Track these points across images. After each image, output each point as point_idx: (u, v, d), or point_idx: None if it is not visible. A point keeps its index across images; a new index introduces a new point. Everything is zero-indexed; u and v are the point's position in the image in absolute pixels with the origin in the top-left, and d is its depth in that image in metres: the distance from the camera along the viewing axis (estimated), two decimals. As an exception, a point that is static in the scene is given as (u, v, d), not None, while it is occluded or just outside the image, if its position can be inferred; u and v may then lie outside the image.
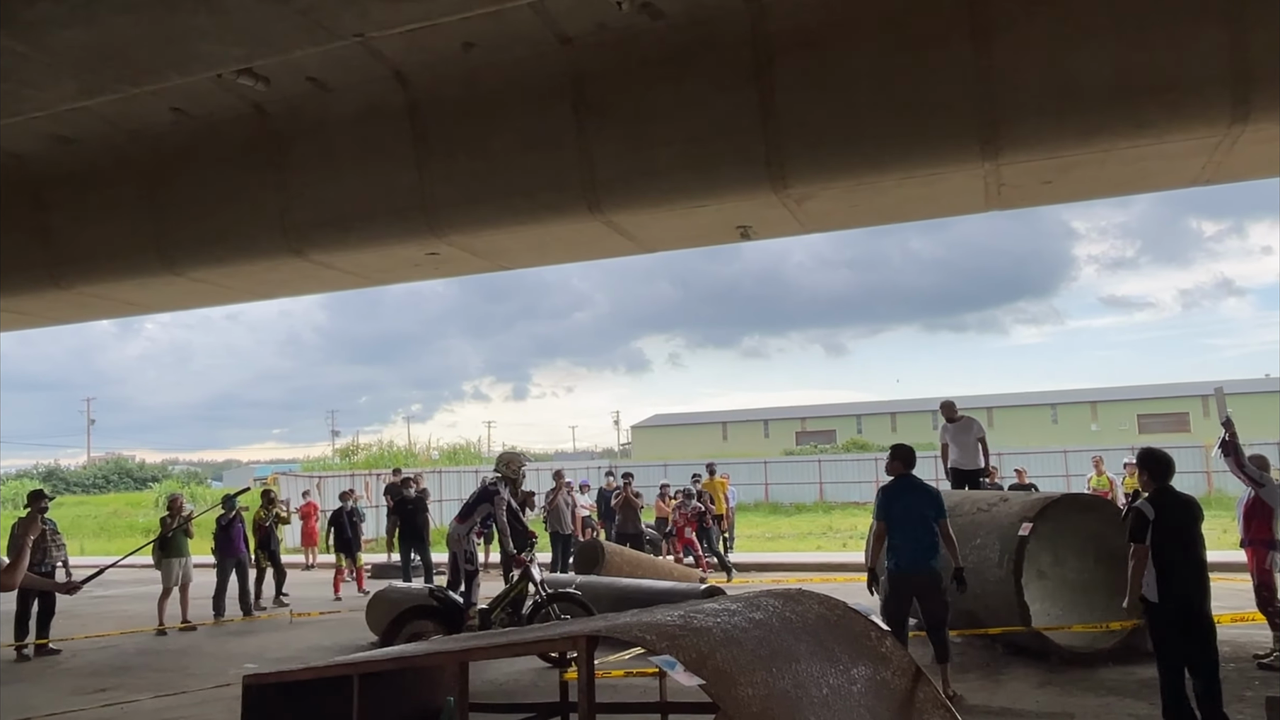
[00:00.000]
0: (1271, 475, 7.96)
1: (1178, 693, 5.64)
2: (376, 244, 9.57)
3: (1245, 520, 7.78)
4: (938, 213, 9.89)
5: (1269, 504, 7.64)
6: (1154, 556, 5.68)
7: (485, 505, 8.85)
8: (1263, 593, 7.60)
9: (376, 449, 40.54)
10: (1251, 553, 7.70)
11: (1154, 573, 5.66)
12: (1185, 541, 5.70)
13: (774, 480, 34.18)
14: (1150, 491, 5.90)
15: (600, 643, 3.67)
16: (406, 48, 8.16)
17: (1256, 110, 6.77)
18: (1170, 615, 5.63)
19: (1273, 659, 7.46)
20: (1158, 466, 5.93)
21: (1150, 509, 5.74)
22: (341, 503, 15.10)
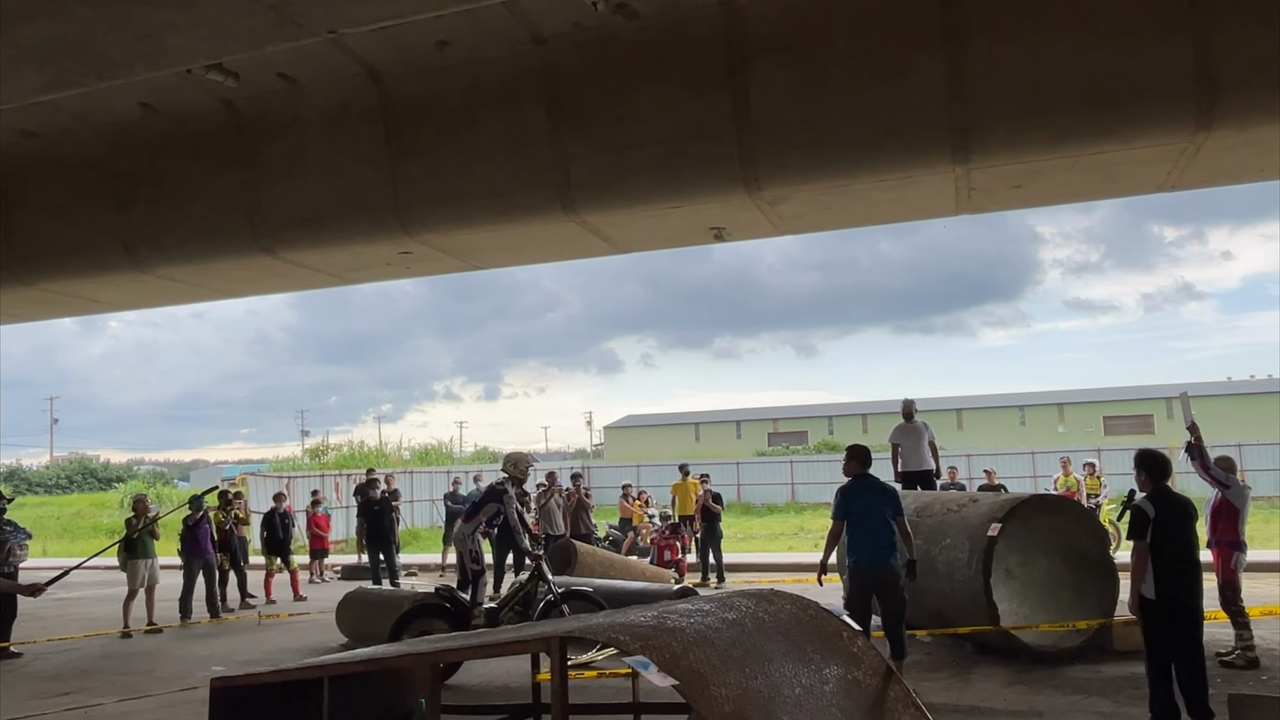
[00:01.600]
0: (1237, 477, 8.11)
1: (1165, 687, 5.81)
2: (348, 242, 9.49)
3: (1212, 521, 7.92)
4: (909, 216, 9.96)
5: (1235, 505, 7.78)
6: (1152, 554, 5.81)
7: (492, 505, 8.80)
8: (1227, 592, 7.74)
9: (347, 449, 40.22)
10: (1217, 553, 7.85)
11: (1151, 571, 5.80)
12: (1181, 540, 5.85)
13: (746, 481, 34.31)
14: (1149, 491, 6.02)
15: (573, 643, 3.67)
16: (379, 45, 8.10)
17: (1220, 118, 6.89)
18: (1165, 611, 5.77)
19: (1235, 656, 7.60)
20: (1155, 466, 6.09)
21: (1150, 508, 5.87)
22: (275, 504, 15.05)
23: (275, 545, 14.61)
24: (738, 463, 36.49)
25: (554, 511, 14.53)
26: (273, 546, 14.61)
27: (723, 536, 15.21)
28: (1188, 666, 5.74)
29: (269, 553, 14.62)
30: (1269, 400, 50.99)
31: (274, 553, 14.60)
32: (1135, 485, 6.30)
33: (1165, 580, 5.74)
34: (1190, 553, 5.84)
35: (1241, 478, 8.46)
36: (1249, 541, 8.11)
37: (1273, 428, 40.48)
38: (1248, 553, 8.00)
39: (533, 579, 8.46)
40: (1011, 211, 13.11)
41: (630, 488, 18.29)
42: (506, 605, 8.38)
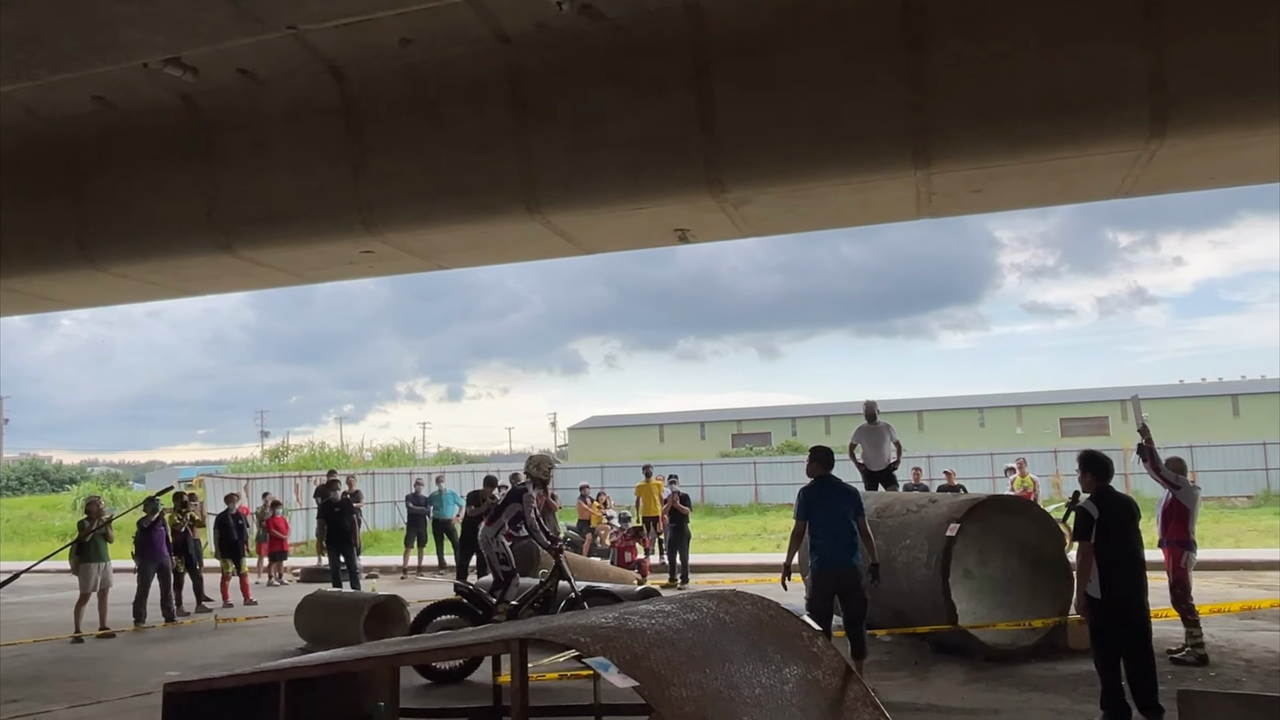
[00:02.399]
0: (1187, 478, 8.29)
1: (1114, 684, 5.94)
2: (309, 241, 9.37)
3: (1163, 521, 8.09)
4: (872, 219, 10.05)
5: (1185, 505, 7.96)
6: (1096, 554, 5.93)
7: (515, 505, 8.89)
8: (1177, 590, 7.90)
9: (308, 450, 39.74)
10: (1168, 552, 8.02)
11: (1096, 570, 5.92)
12: (1125, 540, 5.98)
13: (710, 482, 34.41)
14: (1092, 492, 6.16)
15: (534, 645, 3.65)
16: (342, 42, 8.01)
17: (1173, 127, 7.04)
18: (1111, 610, 5.90)
19: (1185, 654, 7.77)
20: (1099, 467, 6.22)
21: (1094, 508, 6.01)
22: (227, 505, 14.85)
23: (229, 548, 14.39)
24: (701, 464, 36.60)
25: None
26: (226, 549, 14.38)
27: (690, 538, 15.24)
28: (1136, 663, 5.88)
29: (223, 555, 14.40)
30: (1219, 403, 52.30)
31: (227, 555, 14.38)
32: (1080, 486, 6.43)
33: (1111, 579, 5.86)
34: (1134, 551, 5.97)
35: (1193, 478, 8.65)
36: (1199, 541, 8.29)
37: (1223, 430, 41.48)
38: (1198, 552, 8.18)
39: (553, 577, 8.57)
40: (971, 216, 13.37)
41: (588, 489, 18.24)
42: (527, 603, 8.45)
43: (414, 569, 17.45)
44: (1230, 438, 33.22)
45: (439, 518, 17.05)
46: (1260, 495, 27.51)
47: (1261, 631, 8.96)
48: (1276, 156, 7.73)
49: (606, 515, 17.26)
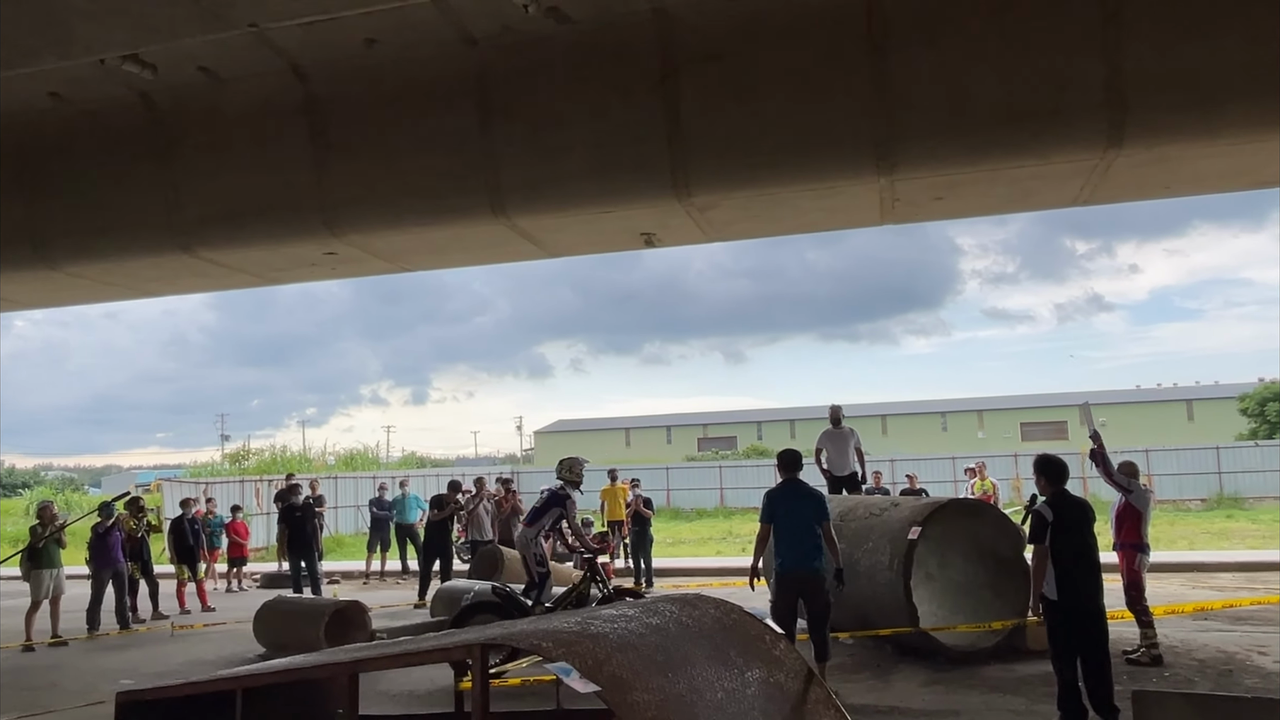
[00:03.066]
0: (1140, 481, 8.45)
1: (1071, 685, 6.03)
2: (271, 242, 9.25)
3: (1116, 524, 8.24)
4: (836, 225, 10.13)
5: (1137, 508, 8.11)
6: (1052, 557, 6.02)
7: (556, 509, 9.18)
8: (1131, 592, 8.05)
9: (269, 454, 39.20)
10: (1122, 555, 8.16)
11: (1052, 572, 6.01)
12: (1080, 542, 6.08)
13: (676, 486, 34.45)
14: (1048, 495, 6.26)
15: (496, 650, 3.63)
16: (305, 41, 7.92)
17: (1130, 136, 7.17)
18: (1066, 612, 5.99)
19: (1140, 654, 7.91)
20: (1054, 471, 6.33)
21: (1049, 511, 6.11)
22: (182, 510, 14.60)
23: (185, 553, 14.13)
24: (667, 468, 36.65)
25: (482, 518, 14.38)
26: (182, 555, 14.13)
27: (653, 541, 15.24)
28: (1092, 664, 5.98)
29: (179, 561, 14.14)
30: (1175, 408, 53.42)
31: (184, 561, 14.12)
32: (1036, 490, 6.53)
33: (1066, 581, 5.97)
34: (1090, 554, 6.07)
35: (1148, 482, 8.82)
36: (1152, 543, 8.45)
37: (1178, 434, 42.35)
38: (1151, 554, 8.33)
39: (586, 580, 8.84)
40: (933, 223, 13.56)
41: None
42: (561, 605, 8.67)
43: (377, 574, 17.28)
44: (1185, 442, 33.89)
45: (402, 522, 16.89)
46: (1213, 498, 28.09)
47: (1214, 632, 9.15)
48: (1228, 167, 7.92)
49: None
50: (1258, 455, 29.26)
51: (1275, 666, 7.65)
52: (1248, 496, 27.88)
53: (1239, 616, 9.85)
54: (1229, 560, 14.97)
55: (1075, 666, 6.02)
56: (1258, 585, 12.48)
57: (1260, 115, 6.96)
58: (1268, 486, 28.07)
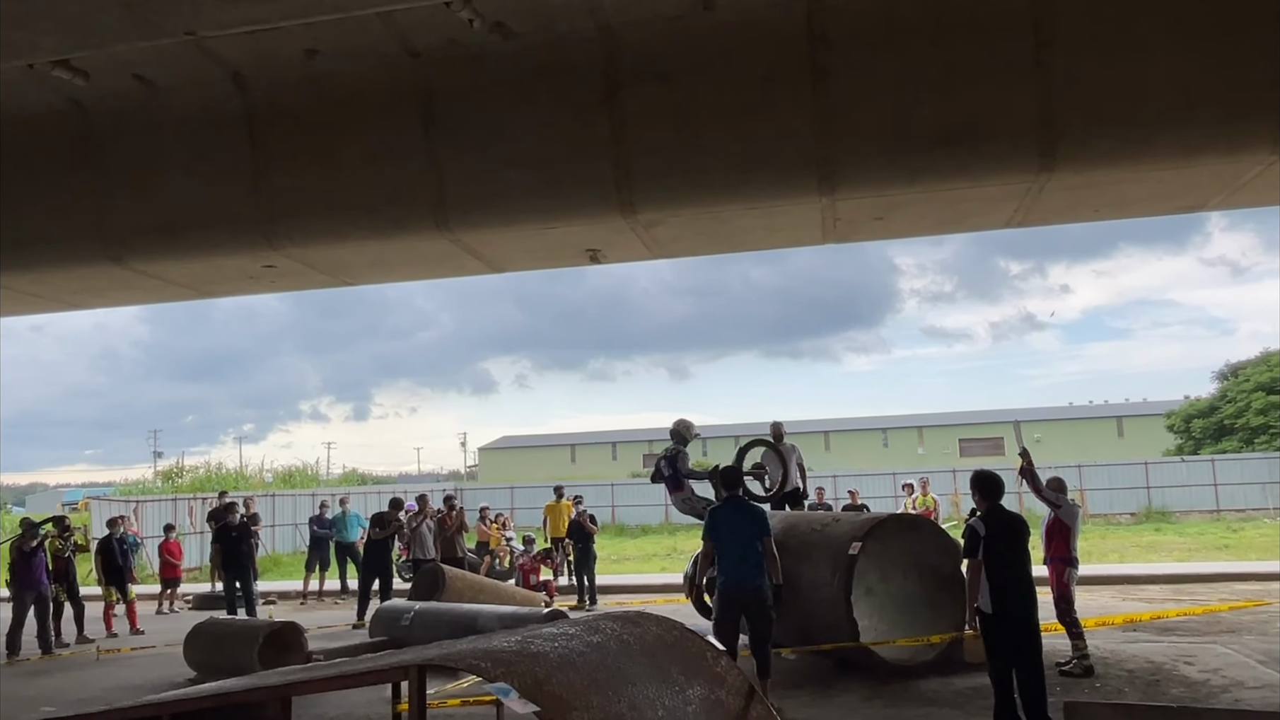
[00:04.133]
0: (1069, 497, 8.67)
1: (1007, 697, 6.17)
2: (207, 254, 9.04)
3: (1046, 539, 8.44)
4: (779, 243, 10.26)
5: (1066, 523, 8.32)
6: (986, 571, 6.15)
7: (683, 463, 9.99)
8: (1061, 605, 8.24)
9: (203, 471, 38.20)
10: (1052, 568, 8.37)
11: (987, 586, 6.13)
12: (1013, 557, 6.21)
13: (620, 503, 34.38)
14: (983, 510, 6.40)
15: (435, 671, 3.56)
16: (245, 50, 7.79)
17: (1060, 161, 7.39)
18: (1002, 625, 6.11)
19: (1072, 666, 8.08)
20: (987, 487, 6.49)
21: (982, 526, 6.26)
22: (110, 529, 14.14)
23: (113, 574, 13.66)
24: (612, 484, 36.55)
25: (425, 536, 14.16)
26: (111, 576, 13.65)
27: (597, 559, 15.17)
28: (1027, 676, 6.10)
29: (107, 583, 13.66)
30: (1105, 424, 55.01)
31: (112, 583, 13.64)
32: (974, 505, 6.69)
33: (1000, 595, 6.10)
34: (1022, 568, 6.21)
35: (1079, 497, 9.06)
36: (1082, 557, 8.66)
37: (1108, 450, 43.60)
38: (1080, 568, 8.54)
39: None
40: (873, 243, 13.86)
41: (488, 510, 17.98)
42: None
43: (315, 594, 16.90)
44: (1115, 458, 34.90)
45: (342, 540, 16.57)
46: (1142, 512, 28.92)
47: (1143, 643, 9.40)
48: (1155, 191, 8.21)
49: (506, 537, 17.04)
50: (1184, 470, 30.24)
51: (1200, 676, 7.88)
52: (1175, 510, 28.78)
53: (1166, 627, 10.14)
54: (1157, 573, 15.41)
55: (1011, 678, 6.14)
56: (1184, 597, 12.87)
57: (1185, 142, 7.24)
58: (1193, 501, 29.01)
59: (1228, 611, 10.75)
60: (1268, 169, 7.45)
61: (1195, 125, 7.15)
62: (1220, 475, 29.29)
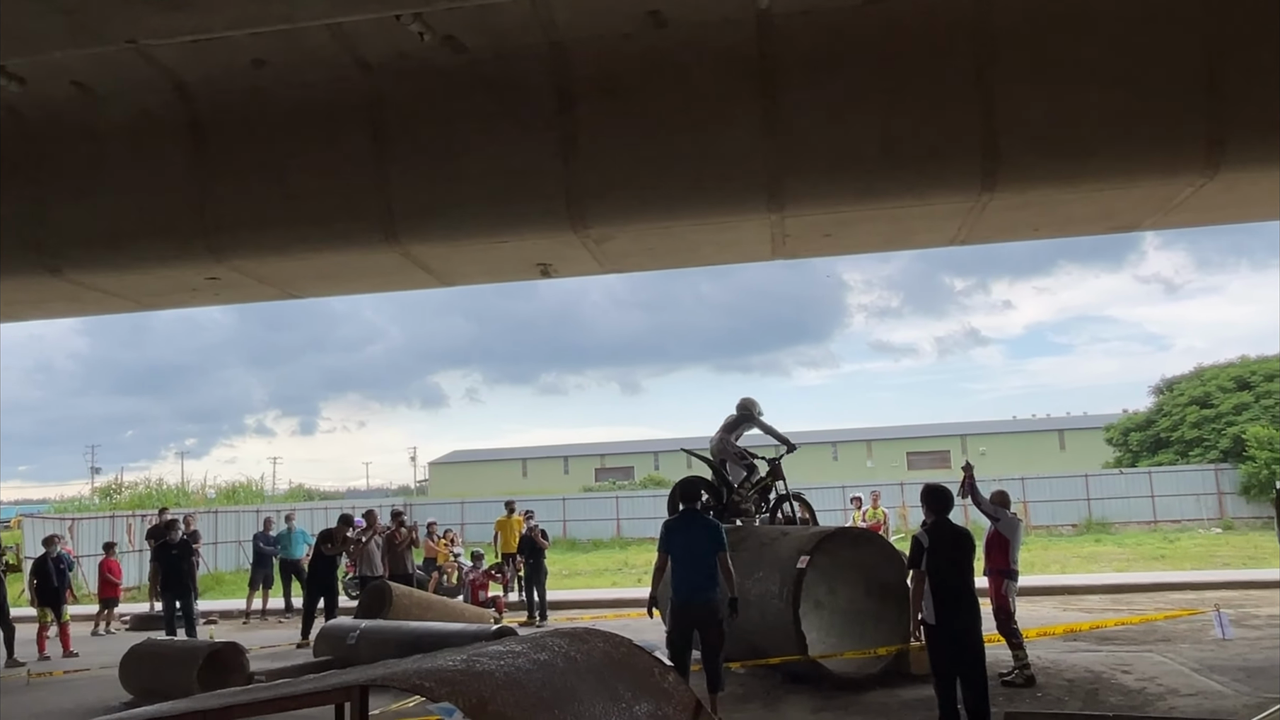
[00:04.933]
0: (1011, 510, 8.83)
1: (950, 707, 6.25)
2: (148, 266, 8.86)
3: (986, 551, 8.59)
4: (730, 259, 10.35)
5: (1005, 536, 8.48)
6: (930, 582, 6.24)
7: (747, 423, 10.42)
8: (1001, 616, 8.39)
9: (143, 488, 37.20)
10: (991, 580, 8.52)
11: (931, 597, 6.22)
12: (956, 569, 6.31)
13: (572, 517, 34.22)
14: (929, 522, 6.51)
15: (381, 690, 3.51)
16: (189, 59, 7.67)
17: (1002, 181, 7.58)
18: (945, 636, 6.21)
19: (1014, 676, 8.22)
20: (934, 500, 6.60)
21: (926, 538, 6.36)
22: (46, 549, 13.69)
23: (48, 595, 13.20)
24: (564, 498, 36.38)
25: (373, 552, 13.93)
26: (45, 597, 13.19)
27: (548, 574, 15.08)
28: (970, 687, 6.20)
29: (41, 604, 13.19)
30: (1048, 437, 56.21)
31: (46, 604, 13.18)
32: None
33: (942, 606, 6.21)
34: (965, 580, 6.33)
35: (1021, 509, 9.24)
36: (1025, 568, 8.81)
37: (1051, 462, 44.56)
38: (1020, 579, 8.70)
39: (771, 475, 10.39)
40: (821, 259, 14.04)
41: (435, 525, 17.76)
42: (750, 490, 10.19)
43: (258, 613, 16.53)
44: (1057, 470, 35.63)
45: (287, 558, 16.24)
46: (1083, 524, 29.57)
47: (1082, 652, 9.60)
48: (1093, 211, 8.46)
49: (454, 553, 16.84)
50: (1122, 482, 30.99)
51: (1137, 684, 8.07)
52: (1114, 521, 29.47)
53: (1105, 637, 10.38)
54: (1096, 583, 15.77)
55: (955, 689, 6.24)
56: (1122, 606, 13.18)
57: (1121, 165, 7.49)
58: (1132, 512, 29.73)
59: (1164, 620, 11.03)
60: (1199, 190, 7.72)
61: (1130, 149, 7.39)
62: (1157, 487, 30.07)
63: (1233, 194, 7.91)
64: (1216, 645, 9.63)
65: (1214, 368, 33.87)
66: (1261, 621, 11.27)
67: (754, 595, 8.37)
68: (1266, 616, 11.64)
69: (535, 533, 14.74)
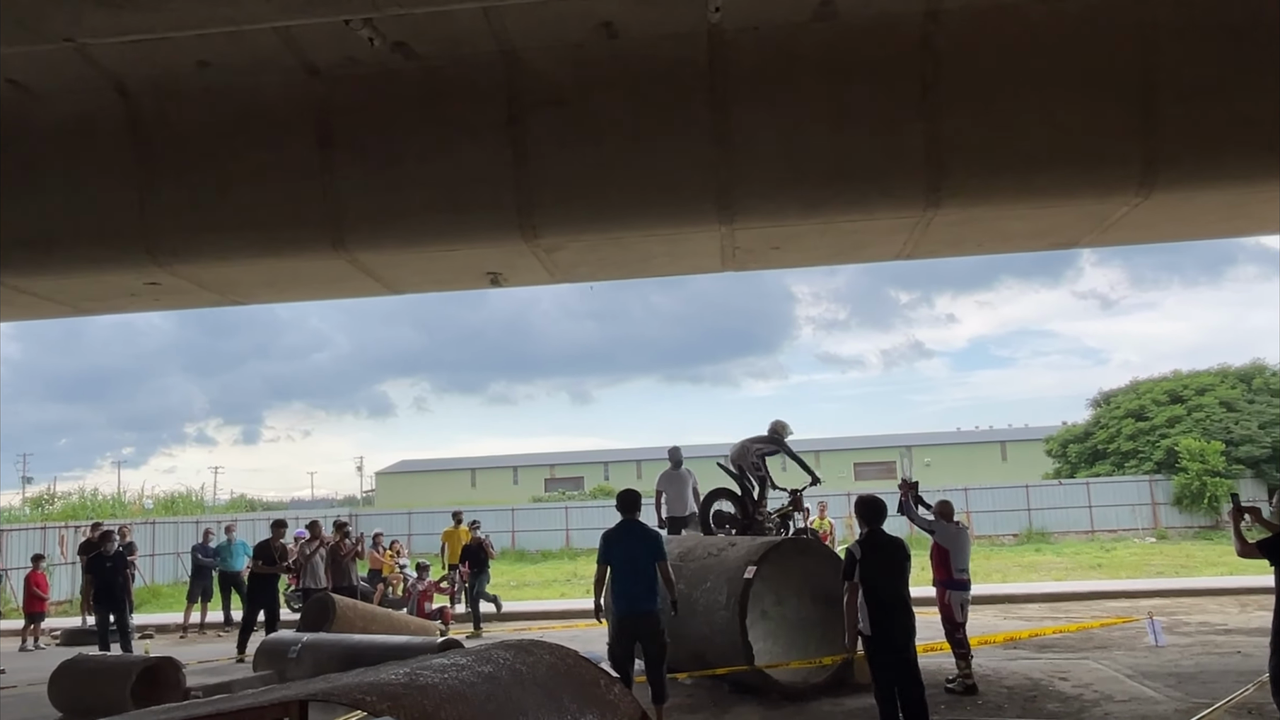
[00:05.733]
0: (954, 520, 8.97)
1: (890, 714, 6.35)
2: (86, 269, 8.63)
3: (933, 562, 8.74)
4: (681, 270, 10.40)
5: (944, 547, 8.63)
6: (864, 593, 6.33)
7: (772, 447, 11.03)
8: (946, 625, 8.53)
9: (77, 498, 36.04)
10: (936, 591, 8.67)
11: (866, 607, 6.32)
12: (888, 579, 6.41)
13: (521, 528, 34.00)
14: (864, 533, 6.62)
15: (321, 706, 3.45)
16: (131, 59, 7.50)
17: (946, 197, 7.74)
18: (881, 645, 6.31)
19: (956, 684, 8.35)
20: (867, 511, 6.70)
21: (859, 549, 6.46)
22: None
23: None
24: (513, 509, 36.13)
25: (317, 564, 13.65)
26: None
27: (489, 581, 15.03)
28: (907, 695, 6.32)
29: None
30: (990, 449, 57.30)
31: None
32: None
33: (876, 616, 6.31)
34: (897, 590, 6.43)
35: (966, 518, 9.40)
36: (972, 577, 8.96)
37: (993, 473, 45.42)
38: (971, 589, 8.84)
39: (792, 505, 11.25)
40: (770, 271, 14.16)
41: (381, 536, 17.52)
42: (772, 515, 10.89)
43: (196, 627, 16.12)
44: (999, 480, 36.31)
45: (227, 570, 15.87)
46: (1024, 534, 30.20)
47: (1022, 660, 9.79)
48: (1034, 228, 8.68)
49: (400, 564, 16.62)
50: (1061, 493, 31.73)
51: (1074, 691, 8.25)
52: (1053, 531, 30.16)
53: (1044, 644, 10.60)
54: (1036, 591, 16.10)
55: (894, 697, 6.33)
56: (1060, 615, 13.48)
57: (1060, 184, 7.69)
58: (1070, 522, 30.46)
59: (1100, 628, 11.30)
60: (1134, 210, 7.96)
61: (1069, 168, 7.60)
62: (1094, 498, 30.84)
63: (1166, 213, 8.18)
64: (1150, 652, 9.90)
65: (1149, 381, 34.87)
66: (1192, 629, 11.62)
67: (701, 605, 8.40)
68: (1197, 624, 12.00)
69: (487, 542, 14.64)
